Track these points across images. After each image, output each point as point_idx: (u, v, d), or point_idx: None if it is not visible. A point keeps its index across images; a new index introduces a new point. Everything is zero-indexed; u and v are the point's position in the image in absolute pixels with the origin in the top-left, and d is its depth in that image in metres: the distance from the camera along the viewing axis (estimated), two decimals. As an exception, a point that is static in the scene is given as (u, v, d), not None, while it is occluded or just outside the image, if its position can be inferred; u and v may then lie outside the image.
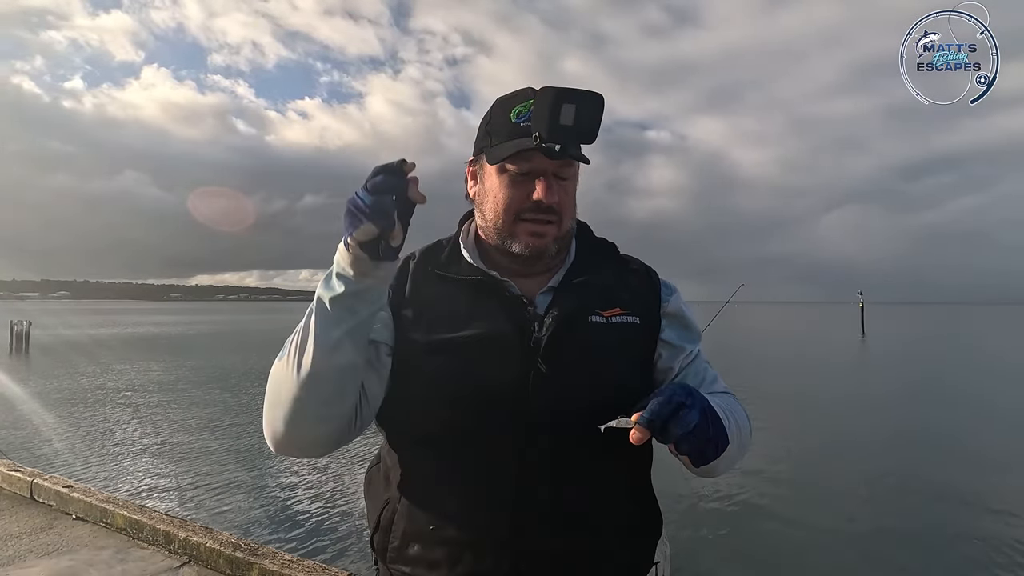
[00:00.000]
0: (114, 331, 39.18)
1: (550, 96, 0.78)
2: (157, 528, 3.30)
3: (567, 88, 0.78)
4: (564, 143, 0.81)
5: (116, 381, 15.05)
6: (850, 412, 11.66)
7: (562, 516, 0.81)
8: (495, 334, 0.84)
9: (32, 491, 3.99)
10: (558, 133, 0.79)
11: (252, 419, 10.35)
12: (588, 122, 0.80)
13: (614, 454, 0.82)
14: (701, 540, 5.28)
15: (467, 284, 0.89)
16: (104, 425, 9.85)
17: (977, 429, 10.06)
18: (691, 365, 0.93)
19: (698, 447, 0.70)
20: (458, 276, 0.90)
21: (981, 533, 5.50)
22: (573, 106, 0.78)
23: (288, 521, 5.53)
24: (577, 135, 0.81)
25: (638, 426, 0.69)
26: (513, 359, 0.82)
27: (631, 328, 0.89)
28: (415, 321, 0.87)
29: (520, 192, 0.86)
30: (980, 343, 33.07)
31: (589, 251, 0.97)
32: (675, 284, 1.00)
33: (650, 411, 0.69)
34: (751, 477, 6.93)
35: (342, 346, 0.74)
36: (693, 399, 0.71)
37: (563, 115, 0.78)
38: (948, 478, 7.23)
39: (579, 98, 0.79)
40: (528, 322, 0.85)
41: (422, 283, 0.91)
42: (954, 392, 14.25)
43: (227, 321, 60.23)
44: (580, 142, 0.84)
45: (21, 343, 22.65)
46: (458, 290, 0.89)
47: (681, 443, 0.69)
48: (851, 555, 5.09)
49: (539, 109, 0.80)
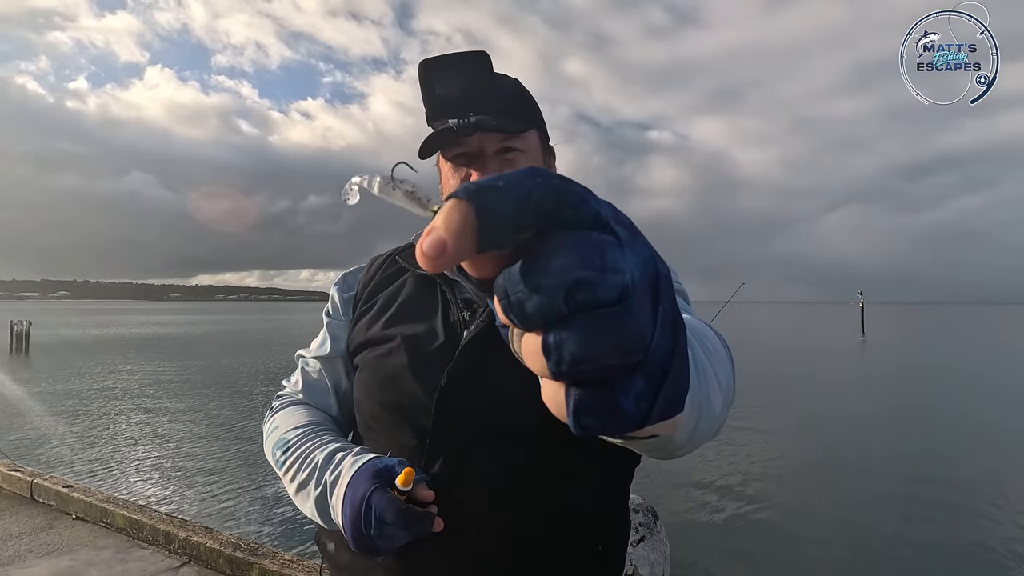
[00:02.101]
0: (113, 331, 39.19)
1: (420, 71, 0.70)
2: (157, 528, 3.30)
3: (435, 56, 0.70)
4: (454, 115, 0.72)
5: (115, 381, 15.04)
6: (850, 412, 11.65)
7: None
8: (423, 334, 0.80)
9: (32, 491, 3.99)
10: (440, 108, 0.72)
11: (252, 420, 10.35)
12: (474, 85, 0.69)
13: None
14: (701, 540, 5.28)
15: (419, 277, 0.87)
16: (104, 425, 9.84)
17: (978, 429, 10.05)
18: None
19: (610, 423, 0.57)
20: (413, 267, 0.87)
21: (981, 533, 5.50)
22: (450, 73, 0.69)
23: (288, 521, 5.52)
24: (466, 103, 0.71)
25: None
26: (433, 363, 0.76)
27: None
28: (365, 315, 0.89)
29: (459, 180, 0.79)
30: (981, 343, 33.05)
31: None
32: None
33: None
34: (751, 477, 6.93)
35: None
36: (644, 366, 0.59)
37: (439, 86, 0.70)
38: (948, 478, 7.22)
39: (452, 63, 0.69)
40: (460, 325, 0.78)
41: (385, 276, 0.91)
42: (954, 392, 14.24)
43: (223, 321, 60.20)
44: (477, 111, 0.72)
45: (21, 343, 22.64)
46: (411, 282, 0.88)
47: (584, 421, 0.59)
48: (851, 554, 5.09)
49: (421, 89, 0.71)
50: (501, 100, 0.74)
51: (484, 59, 0.70)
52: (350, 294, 0.93)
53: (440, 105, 0.71)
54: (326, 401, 0.91)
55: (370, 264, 0.95)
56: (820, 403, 12.78)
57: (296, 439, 0.80)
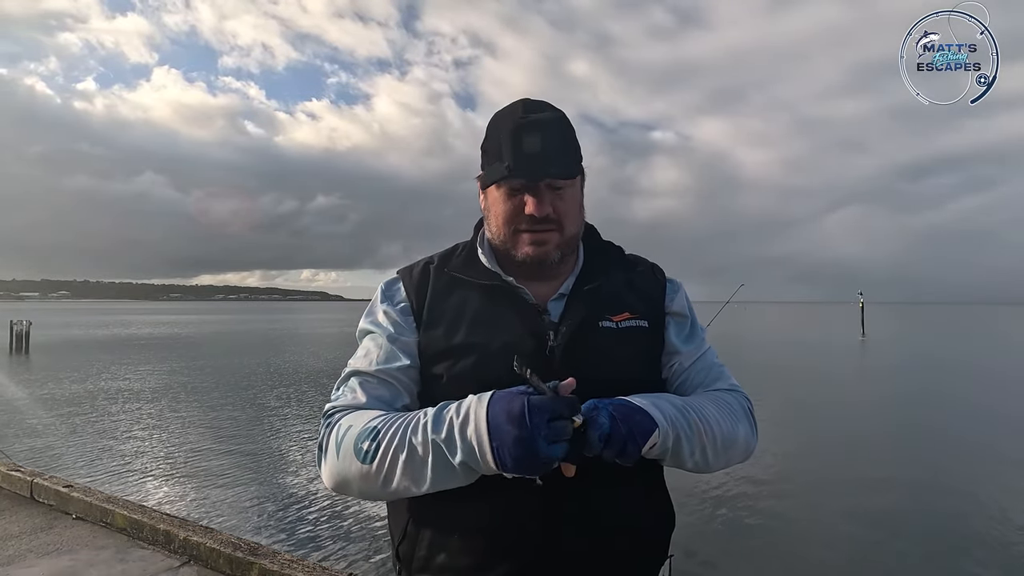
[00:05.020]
0: (113, 331, 39.18)
1: (510, 127, 0.81)
2: (157, 528, 3.30)
3: (526, 119, 0.82)
4: (534, 173, 0.83)
5: (115, 381, 15.04)
6: (849, 412, 11.65)
7: (588, 519, 0.82)
8: (514, 342, 0.85)
9: (32, 491, 3.99)
10: (523, 164, 0.82)
11: (252, 420, 10.36)
12: (554, 147, 0.82)
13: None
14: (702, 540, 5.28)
15: (483, 288, 0.91)
16: (104, 425, 9.84)
17: (978, 429, 10.05)
18: (695, 364, 0.95)
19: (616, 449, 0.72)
20: (475, 279, 0.92)
21: (982, 532, 5.49)
22: (537, 136, 0.81)
23: (288, 521, 5.52)
24: (544, 162, 0.82)
25: (564, 464, 0.71)
26: (532, 369, 0.81)
27: (640, 332, 0.92)
28: (436, 326, 0.90)
29: (514, 206, 0.88)
30: (981, 343, 33.05)
31: (597, 255, 0.99)
32: (680, 282, 1.02)
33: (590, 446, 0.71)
34: (751, 477, 6.93)
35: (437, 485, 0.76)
36: (598, 409, 0.73)
37: (526, 145, 0.81)
38: (948, 478, 7.23)
39: (541, 127, 0.81)
40: (543, 330, 0.87)
41: (442, 288, 0.93)
42: (955, 392, 14.24)
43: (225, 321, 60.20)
44: (552, 173, 0.84)
45: (21, 343, 22.64)
46: (475, 293, 0.92)
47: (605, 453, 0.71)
48: (851, 554, 5.08)
49: (504, 139, 0.83)
50: (566, 153, 0.86)
51: (565, 125, 0.87)
52: (404, 305, 0.94)
53: (523, 164, 0.83)
54: (397, 411, 0.87)
55: (408, 275, 0.97)
56: (820, 403, 12.79)
57: (384, 422, 0.77)
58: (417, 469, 0.73)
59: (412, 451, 0.73)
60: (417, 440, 0.74)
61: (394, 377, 0.88)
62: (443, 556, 0.84)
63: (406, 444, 0.74)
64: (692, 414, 0.82)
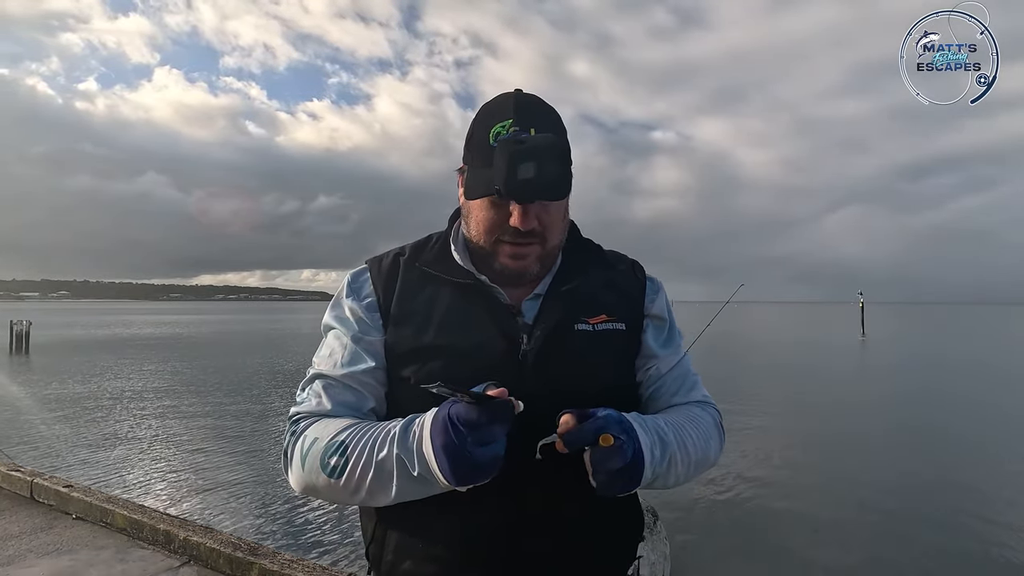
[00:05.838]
0: (113, 331, 39.19)
1: (506, 153, 0.77)
2: (157, 528, 3.30)
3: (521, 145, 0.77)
4: (525, 198, 0.80)
5: (115, 381, 15.05)
6: (849, 412, 11.65)
7: (556, 525, 0.81)
8: (484, 344, 0.83)
9: (32, 491, 3.99)
10: (516, 189, 0.77)
11: (252, 420, 10.36)
12: (549, 173, 0.78)
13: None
14: (701, 540, 5.28)
15: (455, 286, 0.87)
16: (104, 425, 9.84)
17: (978, 428, 10.06)
18: (670, 372, 0.92)
19: (608, 483, 0.71)
20: (446, 276, 0.88)
21: (982, 532, 5.50)
22: (532, 163, 0.76)
23: (288, 521, 5.53)
24: (537, 188, 0.78)
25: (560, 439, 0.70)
26: (502, 371, 0.79)
27: (617, 335, 0.89)
28: (405, 324, 0.86)
29: (498, 216, 0.83)
30: (982, 343, 33.04)
31: (576, 253, 0.95)
32: (661, 281, 0.99)
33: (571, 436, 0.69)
34: (751, 477, 6.93)
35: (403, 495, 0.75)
36: (629, 438, 0.71)
37: (521, 172, 0.76)
38: (948, 476, 7.23)
39: (537, 155, 0.77)
40: (516, 333, 0.84)
41: (412, 283, 0.89)
42: (955, 391, 14.25)
43: (226, 321, 60.21)
44: (544, 196, 0.80)
45: (21, 343, 22.65)
46: (446, 291, 0.87)
47: (597, 473, 0.71)
48: (851, 553, 5.09)
49: (498, 162, 0.78)
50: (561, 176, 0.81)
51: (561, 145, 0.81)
52: (371, 300, 0.90)
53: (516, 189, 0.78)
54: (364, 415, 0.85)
55: (376, 267, 0.93)
56: (820, 403, 12.78)
57: (352, 435, 0.76)
58: (384, 483, 0.73)
59: (379, 467, 0.73)
60: (383, 455, 0.73)
61: (359, 381, 0.85)
62: (408, 563, 0.83)
63: (373, 461, 0.73)
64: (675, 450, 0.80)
